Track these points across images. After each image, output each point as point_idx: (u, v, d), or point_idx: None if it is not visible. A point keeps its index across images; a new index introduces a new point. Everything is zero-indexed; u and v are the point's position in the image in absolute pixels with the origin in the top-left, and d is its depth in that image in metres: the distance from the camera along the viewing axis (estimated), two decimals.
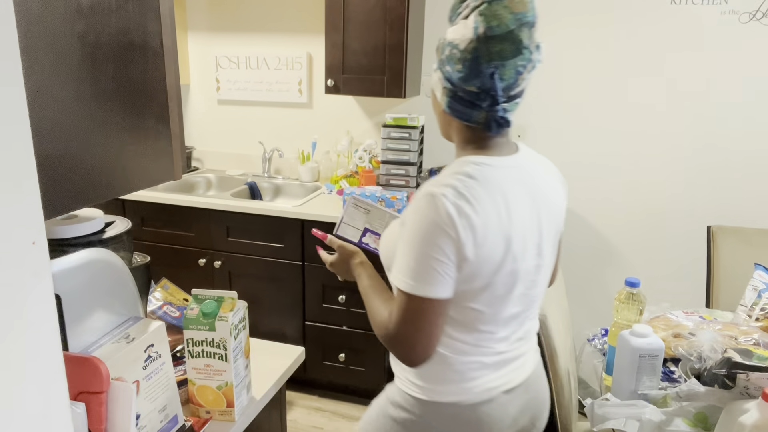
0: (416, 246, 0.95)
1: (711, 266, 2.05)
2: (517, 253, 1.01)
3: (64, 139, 0.72)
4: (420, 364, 0.99)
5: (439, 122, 1.11)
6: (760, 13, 2.25)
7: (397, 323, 0.98)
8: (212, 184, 2.98)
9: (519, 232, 1.01)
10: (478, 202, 0.95)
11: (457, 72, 0.97)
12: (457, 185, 0.96)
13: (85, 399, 0.77)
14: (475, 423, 1.07)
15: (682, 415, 1.14)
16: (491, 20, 0.93)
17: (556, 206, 1.12)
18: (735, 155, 2.41)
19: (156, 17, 0.86)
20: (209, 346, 0.99)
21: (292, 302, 2.51)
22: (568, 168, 2.63)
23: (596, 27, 2.45)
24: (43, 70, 0.68)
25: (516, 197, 1.01)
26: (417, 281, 0.95)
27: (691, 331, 1.34)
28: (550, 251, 1.10)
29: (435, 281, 0.95)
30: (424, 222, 0.95)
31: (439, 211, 0.93)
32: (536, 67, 1.02)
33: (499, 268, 0.99)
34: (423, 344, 0.98)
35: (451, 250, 0.94)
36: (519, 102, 1.03)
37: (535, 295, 1.10)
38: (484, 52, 0.94)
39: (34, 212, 0.49)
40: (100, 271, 0.87)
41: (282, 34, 2.87)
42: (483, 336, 1.05)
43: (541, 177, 1.09)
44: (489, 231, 0.96)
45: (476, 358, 1.06)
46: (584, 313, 2.66)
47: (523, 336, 1.12)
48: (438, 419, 1.07)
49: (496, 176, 1.00)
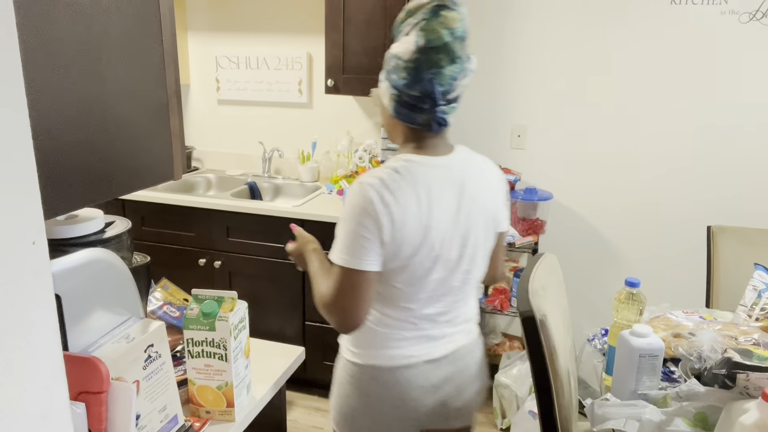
0: (348, 226, 1.13)
1: (711, 266, 2.05)
2: (435, 242, 1.16)
3: (64, 139, 0.72)
4: (353, 329, 1.17)
5: (385, 127, 1.27)
6: (760, 13, 2.25)
7: (333, 293, 1.15)
8: (212, 184, 2.98)
9: (439, 223, 1.16)
10: (400, 193, 1.12)
11: (402, 79, 1.13)
12: (384, 177, 1.13)
13: (85, 399, 0.77)
14: (396, 384, 1.25)
15: (682, 415, 1.14)
16: (429, 34, 1.09)
17: (490, 204, 1.25)
18: (735, 155, 2.41)
19: (156, 17, 0.86)
20: (209, 346, 0.99)
21: (292, 302, 2.51)
22: (568, 168, 2.63)
23: (596, 27, 2.45)
24: (44, 70, 0.68)
25: (440, 192, 1.17)
26: (350, 256, 1.13)
27: (691, 331, 1.34)
28: (480, 245, 1.25)
29: (364, 256, 1.12)
30: (353, 206, 1.13)
31: (365, 197, 1.11)
32: (468, 75, 1.16)
33: (416, 252, 1.15)
34: (355, 311, 1.15)
35: (374, 230, 1.11)
36: (456, 106, 1.19)
37: (459, 282, 1.25)
38: (424, 61, 1.10)
39: (34, 212, 0.49)
40: (100, 271, 0.87)
41: (282, 34, 2.87)
42: (405, 312, 1.23)
43: (472, 176, 1.22)
44: (407, 219, 1.12)
45: (399, 332, 1.24)
46: (584, 313, 2.66)
47: (452, 320, 1.28)
48: (369, 380, 1.26)
49: (422, 173, 1.15)
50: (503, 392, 2.40)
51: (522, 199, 2.47)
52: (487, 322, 2.88)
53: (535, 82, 2.58)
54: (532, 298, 1.27)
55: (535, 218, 2.49)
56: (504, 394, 2.40)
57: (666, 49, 2.39)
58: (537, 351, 1.25)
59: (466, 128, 2.72)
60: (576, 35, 2.48)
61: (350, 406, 1.30)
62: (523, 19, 2.53)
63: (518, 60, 2.58)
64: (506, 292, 2.57)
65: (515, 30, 2.55)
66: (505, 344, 2.76)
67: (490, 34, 2.59)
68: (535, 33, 2.53)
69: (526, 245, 2.47)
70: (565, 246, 2.71)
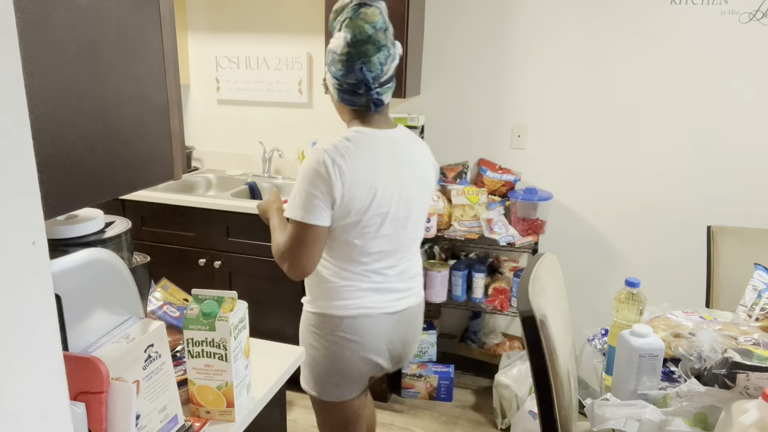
0: (302, 186, 1.31)
1: (711, 266, 2.05)
2: (383, 200, 1.36)
3: (64, 139, 0.72)
4: (302, 277, 1.38)
5: (336, 109, 1.46)
6: (760, 13, 2.26)
7: (287, 244, 1.35)
8: (212, 184, 2.98)
9: (386, 184, 1.36)
10: (350, 157, 1.31)
11: (339, 71, 1.35)
12: (337, 144, 1.32)
13: (85, 399, 0.77)
14: (356, 331, 1.43)
15: (682, 415, 1.14)
16: (354, 29, 1.29)
17: (426, 174, 1.49)
18: (735, 155, 2.41)
19: (156, 17, 0.86)
20: (209, 346, 0.99)
21: (292, 302, 2.51)
22: (568, 168, 2.63)
23: (595, 27, 2.45)
24: (44, 70, 0.68)
25: (384, 159, 1.37)
26: (303, 211, 1.31)
27: (691, 331, 1.34)
28: (422, 208, 1.48)
29: (315, 212, 1.31)
30: (308, 169, 1.31)
31: (319, 161, 1.30)
32: (396, 59, 1.37)
33: (366, 210, 1.34)
34: (306, 261, 1.34)
35: (326, 190, 1.30)
36: (391, 86, 1.39)
37: (407, 240, 1.46)
38: (354, 53, 1.31)
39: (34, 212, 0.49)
40: (100, 271, 0.87)
41: (282, 34, 2.87)
42: (360, 266, 1.41)
43: (411, 148, 1.45)
44: (356, 179, 1.31)
45: (355, 283, 1.42)
46: (584, 313, 2.66)
47: (401, 274, 1.48)
48: (331, 328, 1.43)
49: (369, 142, 1.36)
50: (503, 392, 2.40)
51: (522, 199, 2.47)
52: (487, 322, 2.89)
53: (535, 82, 2.58)
54: (532, 298, 1.27)
55: (535, 218, 2.49)
56: (504, 394, 2.40)
57: (666, 49, 2.39)
58: (537, 351, 1.25)
59: (466, 128, 2.72)
60: (576, 35, 2.48)
61: (312, 355, 1.48)
62: (523, 20, 2.53)
63: (518, 60, 2.58)
64: (506, 292, 2.57)
65: (515, 30, 2.55)
66: (505, 344, 2.76)
67: (490, 34, 2.59)
68: (536, 33, 2.53)
69: (526, 245, 2.48)
70: (565, 246, 2.71)
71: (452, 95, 2.71)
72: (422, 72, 2.72)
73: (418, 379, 2.62)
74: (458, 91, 2.70)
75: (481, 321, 2.88)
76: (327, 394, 1.51)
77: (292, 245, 1.34)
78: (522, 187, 2.60)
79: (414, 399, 2.65)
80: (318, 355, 1.47)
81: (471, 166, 2.76)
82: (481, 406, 2.62)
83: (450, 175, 2.70)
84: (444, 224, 2.58)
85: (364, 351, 1.45)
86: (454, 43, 2.65)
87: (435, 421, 2.51)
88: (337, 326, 1.43)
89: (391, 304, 1.46)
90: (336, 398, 1.51)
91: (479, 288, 2.58)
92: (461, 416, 2.54)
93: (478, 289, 2.58)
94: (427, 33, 2.68)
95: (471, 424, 2.49)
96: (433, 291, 2.55)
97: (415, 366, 2.62)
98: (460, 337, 2.93)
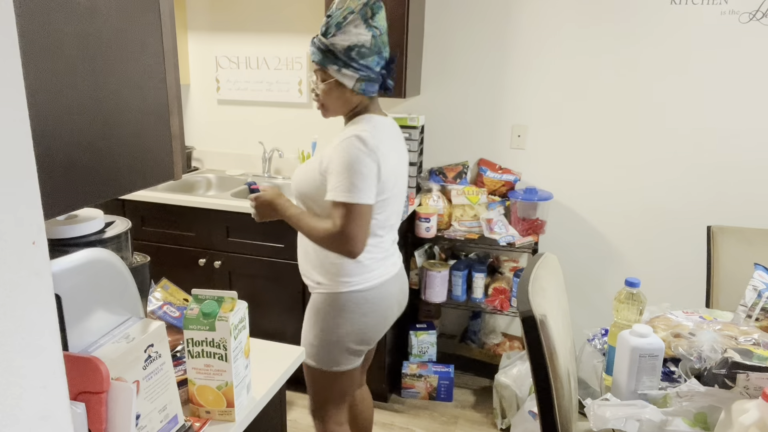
0: (352, 169, 1.41)
1: (711, 266, 2.05)
2: (399, 178, 1.57)
3: (64, 139, 0.72)
4: (358, 254, 1.46)
5: (335, 106, 1.54)
6: (760, 13, 2.26)
7: (342, 227, 1.42)
8: (212, 184, 2.98)
9: (399, 163, 1.56)
10: (382, 141, 1.47)
11: (372, 61, 1.47)
12: (370, 130, 1.46)
13: (85, 399, 0.77)
14: (379, 299, 1.59)
15: (682, 415, 1.14)
16: (382, 22, 1.48)
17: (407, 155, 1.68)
18: (735, 155, 2.41)
19: (156, 17, 0.86)
20: (209, 346, 0.99)
21: (292, 302, 2.51)
22: (568, 168, 2.63)
23: (596, 27, 2.45)
24: (43, 70, 0.68)
25: (395, 140, 1.58)
26: (355, 193, 1.41)
27: (691, 331, 1.34)
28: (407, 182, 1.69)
29: (368, 191, 1.43)
30: (355, 153, 1.41)
31: (366, 145, 1.42)
32: None
33: (393, 186, 1.53)
34: (361, 239, 1.44)
35: (374, 170, 1.44)
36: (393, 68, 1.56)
37: (401, 211, 1.66)
38: (383, 44, 1.49)
39: (34, 212, 0.49)
40: (100, 271, 0.87)
41: (282, 34, 2.87)
42: (377, 239, 1.57)
43: (400, 131, 1.65)
44: (388, 159, 1.48)
45: (374, 255, 1.57)
46: (584, 313, 2.66)
47: (395, 242, 1.70)
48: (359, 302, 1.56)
49: (383, 126, 1.53)
50: (503, 392, 2.40)
51: (522, 199, 2.47)
52: (487, 322, 2.89)
53: (535, 82, 2.58)
54: (532, 298, 1.27)
55: (535, 218, 2.49)
56: (504, 394, 2.40)
57: (666, 49, 2.39)
58: (537, 351, 1.25)
59: (466, 128, 2.72)
60: (576, 35, 2.48)
61: (337, 334, 1.57)
62: (523, 19, 2.53)
63: (518, 60, 2.58)
64: (506, 292, 2.57)
65: (516, 30, 2.55)
66: (505, 344, 2.76)
67: (490, 35, 2.59)
68: (536, 33, 2.53)
69: (526, 245, 2.48)
70: (565, 246, 2.71)
71: (452, 95, 2.71)
72: (422, 72, 2.72)
73: (418, 379, 2.62)
74: (458, 91, 2.70)
75: (481, 321, 2.88)
76: (347, 364, 1.62)
77: (350, 227, 1.42)
78: (522, 187, 2.60)
79: (414, 399, 2.65)
80: (343, 332, 1.57)
81: (471, 166, 2.76)
82: (481, 406, 2.62)
83: (450, 175, 2.70)
84: (444, 224, 2.58)
85: (384, 314, 1.62)
86: (454, 43, 2.65)
87: (435, 421, 2.51)
88: (365, 299, 1.56)
89: (392, 267, 1.65)
90: (353, 366, 1.63)
91: (479, 288, 2.58)
92: (461, 416, 2.54)
93: (478, 289, 2.58)
94: (427, 33, 2.68)
95: (471, 424, 2.49)
96: (433, 291, 2.55)
97: (415, 366, 2.62)
98: (460, 337, 2.93)
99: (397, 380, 2.68)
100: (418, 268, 2.62)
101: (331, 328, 1.57)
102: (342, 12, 1.44)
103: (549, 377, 1.25)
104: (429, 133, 2.76)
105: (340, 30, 1.44)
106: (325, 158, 1.47)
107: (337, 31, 1.44)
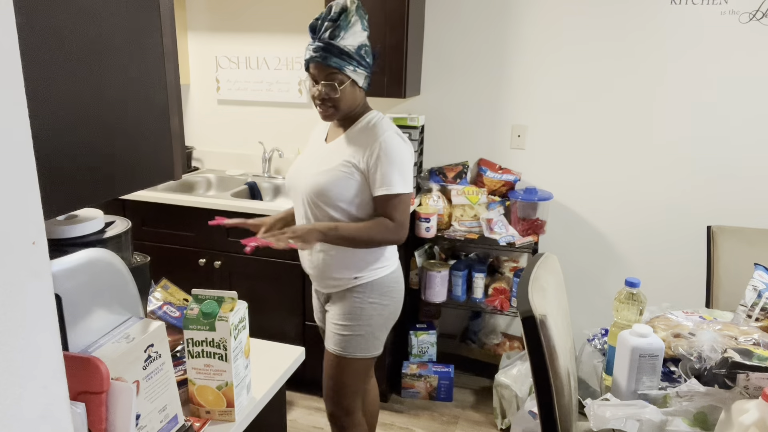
0: (403, 164, 1.57)
1: (711, 266, 2.05)
2: None
3: (64, 139, 0.72)
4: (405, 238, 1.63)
5: (348, 106, 1.61)
6: (760, 13, 2.25)
7: (402, 219, 1.59)
8: (212, 184, 2.98)
9: None
10: None
11: (372, 59, 1.60)
12: (393, 125, 1.64)
13: (85, 399, 0.77)
14: (400, 278, 1.75)
15: (682, 415, 1.14)
16: (365, 20, 1.57)
17: None
18: (735, 155, 2.41)
19: (156, 17, 0.86)
20: (209, 346, 0.99)
21: (292, 302, 2.51)
22: (568, 168, 2.63)
23: (596, 27, 2.45)
24: (43, 70, 0.68)
25: None
26: (407, 183, 1.58)
27: (691, 331, 1.34)
28: None
29: (411, 180, 1.60)
30: (405, 149, 1.59)
31: (407, 142, 1.62)
32: None
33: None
34: (408, 224, 1.62)
35: (414, 160, 1.64)
36: None
37: None
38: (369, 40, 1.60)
39: (34, 212, 0.49)
40: (100, 271, 0.87)
41: (282, 34, 2.87)
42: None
43: None
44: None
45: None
46: (584, 313, 2.66)
47: None
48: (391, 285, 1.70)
49: None
50: (503, 392, 2.40)
51: (522, 199, 2.47)
52: (487, 322, 2.89)
53: (535, 82, 2.58)
54: (532, 298, 1.27)
55: (535, 218, 2.49)
56: (504, 394, 2.40)
57: (666, 49, 2.39)
58: (537, 351, 1.25)
59: (466, 128, 2.72)
60: (576, 35, 2.48)
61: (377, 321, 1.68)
62: (524, 20, 2.53)
63: (518, 60, 2.58)
64: (506, 292, 2.57)
65: (515, 30, 2.55)
66: (505, 344, 2.76)
67: (490, 34, 2.59)
68: (535, 33, 2.53)
69: (526, 245, 2.47)
70: (565, 246, 2.71)
71: (452, 95, 2.71)
72: (422, 72, 2.72)
73: (418, 379, 2.62)
74: (458, 91, 2.70)
75: (481, 321, 2.88)
76: (378, 348, 1.73)
77: (405, 215, 1.59)
78: (522, 187, 2.60)
79: (414, 399, 2.65)
80: (387, 313, 1.71)
81: (471, 166, 2.76)
82: (481, 406, 2.62)
83: (450, 175, 2.70)
84: (444, 224, 2.58)
85: (403, 291, 1.77)
86: (454, 43, 2.65)
87: (435, 421, 2.51)
88: (395, 280, 1.71)
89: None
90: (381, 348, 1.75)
91: (479, 288, 2.58)
92: (461, 416, 2.54)
93: (478, 289, 2.58)
94: (427, 33, 2.68)
95: (471, 424, 2.49)
96: (433, 291, 2.55)
97: (415, 366, 2.62)
98: (460, 337, 2.93)
99: (397, 380, 2.68)
100: (418, 268, 2.62)
101: (379, 312, 1.67)
102: (347, 14, 1.51)
103: (549, 377, 1.25)
104: (429, 133, 2.76)
105: (349, 32, 1.51)
106: (363, 157, 1.56)
107: (346, 33, 1.51)
